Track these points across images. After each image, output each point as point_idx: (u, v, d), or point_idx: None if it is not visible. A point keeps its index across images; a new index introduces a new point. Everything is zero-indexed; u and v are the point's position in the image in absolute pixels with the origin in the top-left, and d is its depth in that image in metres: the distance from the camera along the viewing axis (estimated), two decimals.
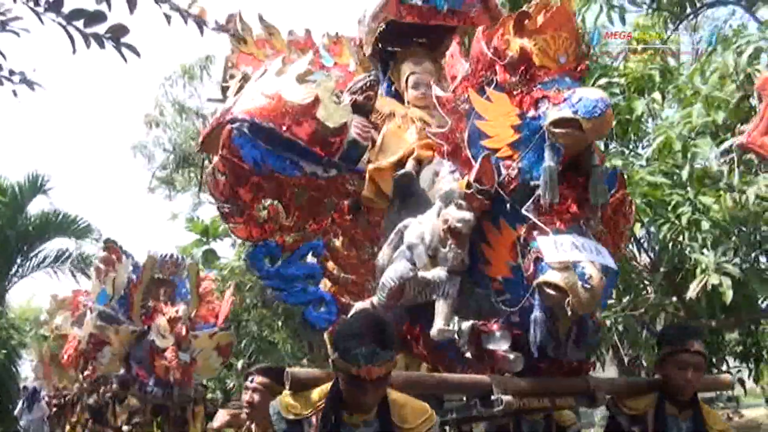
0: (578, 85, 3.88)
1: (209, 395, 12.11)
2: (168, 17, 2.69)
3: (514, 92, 3.87)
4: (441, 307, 3.81)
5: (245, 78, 4.62)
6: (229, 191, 3.99)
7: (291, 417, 3.21)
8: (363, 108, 4.44)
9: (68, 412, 14.27)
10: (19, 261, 20.29)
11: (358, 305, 4.02)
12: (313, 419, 3.18)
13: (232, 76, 4.85)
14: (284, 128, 4.05)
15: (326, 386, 3.23)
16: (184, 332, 10.19)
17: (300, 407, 3.21)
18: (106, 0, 2.55)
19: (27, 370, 20.11)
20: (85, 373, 13.05)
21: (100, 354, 10.72)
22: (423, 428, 3.21)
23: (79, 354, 13.00)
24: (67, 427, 14.27)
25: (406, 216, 4.12)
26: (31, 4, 2.55)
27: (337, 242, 4.25)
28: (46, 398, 19.09)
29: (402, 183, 4.23)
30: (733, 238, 7.62)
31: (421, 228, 3.89)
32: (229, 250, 17.24)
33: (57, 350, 15.21)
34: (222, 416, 4.34)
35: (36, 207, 20.70)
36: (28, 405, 19.81)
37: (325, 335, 4.06)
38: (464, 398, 3.98)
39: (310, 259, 4.30)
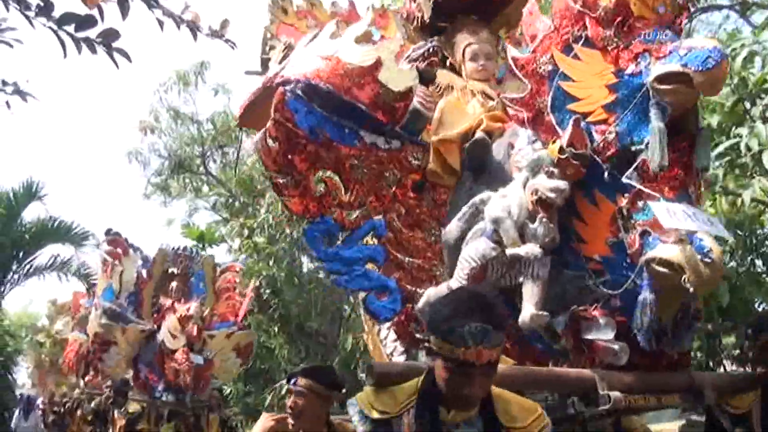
0: (679, 39, 3.28)
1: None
2: (161, 23, 2.56)
3: (609, 47, 3.27)
4: (531, 291, 3.16)
5: (289, 47, 3.98)
6: (283, 159, 3.34)
7: (377, 416, 2.54)
8: (425, 76, 3.80)
9: (68, 419, 12.96)
10: (14, 267, 19.36)
11: (430, 291, 3.36)
12: (404, 418, 2.51)
13: (272, 47, 4.22)
14: (343, 91, 3.41)
15: (415, 381, 2.57)
16: (195, 332, 8.96)
17: (387, 405, 2.55)
18: (98, 6, 2.45)
19: (24, 377, 19.22)
20: (87, 378, 11.86)
21: (106, 355, 9.40)
22: (534, 428, 2.54)
23: (81, 358, 11.83)
24: None
25: (479, 191, 3.47)
26: (22, 8, 2.43)
27: (400, 222, 3.57)
28: (41, 405, 18.29)
29: (475, 154, 3.60)
30: (729, 242, 7.16)
31: (506, 201, 3.24)
32: (225, 256, 16.51)
33: (57, 356, 14.08)
34: (265, 422, 3.65)
35: (31, 213, 19.86)
36: (24, 413, 19.07)
37: (419, 316, 3.37)
38: (548, 396, 3.31)
39: (368, 241, 3.65)
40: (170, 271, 10.04)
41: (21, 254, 19.44)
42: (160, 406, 9.22)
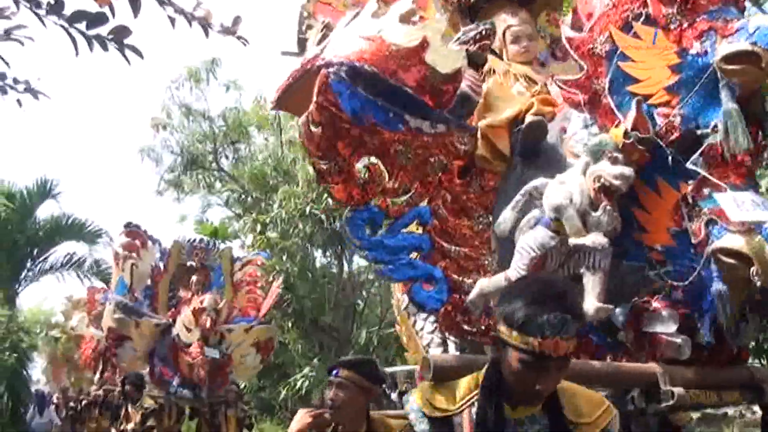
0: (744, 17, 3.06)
1: None
2: (172, 20, 2.52)
3: (671, 26, 3.04)
4: (593, 282, 2.93)
5: (328, 27, 3.74)
6: (326, 144, 3.11)
7: (436, 415, 2.32)
8: (475, 59, 3.57)
9: (84, 415, 12.61)
10: (29, 265, 19.24)
11: (483, 282, 3.14)
12: (464, 415, 2.30)
13: (309, 27, 3.97)
14: (388, 73, 3.19)
15: (475, 375, 2.35)
16: (208, 324, 8.50)
17: (446, 402, 2.33)
18: (109, 3, 2.41)
19: (38, 373, 19.04)
20: (105, 374, 11.66)
21: (121, 350, 8.92)
22: (602, 422, 2.31)
23: (97, 355, 11.56)
24: None
25: (530, 178, 3.25)
26: (33, 6, 2.40)
27: (446, 210, 3.35)
28: (56, 401, 18.14)
29: (531, 138, 3.37)
30: None
31: (566, 188, 3.01)
32: (238, 252, 16.29)
33: (73, 352, 13.81)
34: (302, 418, 3.43)
35: (45, 211, 19.72)
36: (39, 409, 18.96)
37: (470, 306, 3.15)
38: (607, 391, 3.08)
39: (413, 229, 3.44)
40: (189, 264, 9.59)
41: (35, 252, 19.33)
42: (175, 402, 8.87)
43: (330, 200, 14.21)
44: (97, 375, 12.01)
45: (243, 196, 16.56)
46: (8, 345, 16.47)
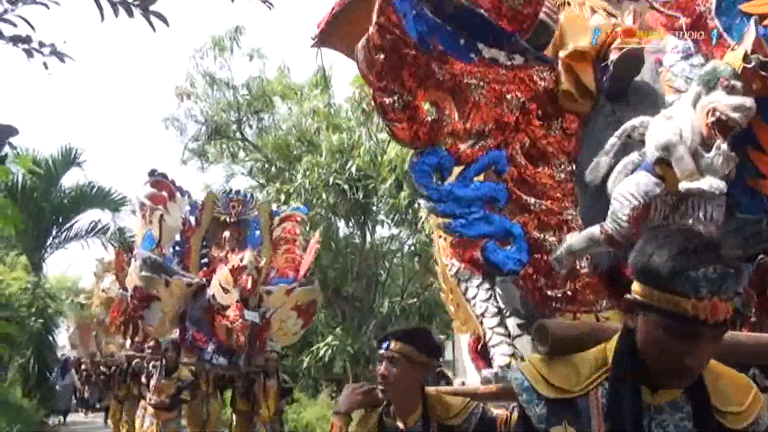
0: None
1: None
2: None
3: None
4: None
5: None
6: (390, 73, 2.56)
7: (554, 396, 1.78)
8: None
9: (115, 382, 11.75)
10: (54, 232, 18.99)
11: (573, 239, 2.58)
12: (591, 398, 1.76)
13: None
14: None
15: (602, 348, 1.81)
16: (250, 284, 7.35)
17: (567, 380, 1.79)
18: None
19: (64, 339, 18.85)
20: (136, 339, 10.52)
21: (147, 312, 7.74)
22: (751, 412, 1.76)
23: (127, 318, 10.38)
24: (112, 402, 12.03)
25: (625, 118, 2.69)
26: None
27: (524, 156, 2.79)
28: (83, 366, 17.92)
29: (625, 70, 2.81)
30: None
31: (674, 124, 2.45)
32: None
33: (103, 316, 12.91)
34: (350, 396, 2.92)
35: (70, 180, 19.38)
36: (62, 373, 18.90)
37: (556, 266, 2.60)
38: None
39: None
40: (222, 218, 8.44)
41: (60, 219, 19.07)
42: (209, 370, 7.95)
43: (353, 170, 13.73)
44: (128, 340, 11.12)
45: (267, 166, 16.02)
46: (35, 311, 16.25)
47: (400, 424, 2.79)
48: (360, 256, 14.71)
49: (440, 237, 4.35)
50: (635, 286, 1.65)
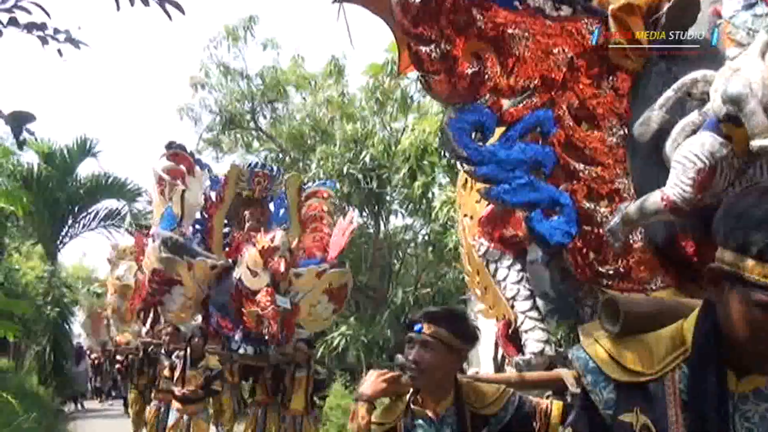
0: None
1: None
2: None
3: None
4: None
5: None
6: (427, 19, 2.25)
7: (625, 379, 1.48)
8: None
9: (133, 372, 11.09)
10: (69, 222, 18.84)
11: (630, 208, 2.26)
12: (667, 383, 1.46)
13: None
14: None
15: (678, 326, 1.50)
16: (282, 267, 6.50)
17: (641, 362, 1.49)
18: None
19: (79, 327, 18.73)
20: (156, 327, 9.68)
21: (168, 297, 6.82)
22: None
23: (147, 305, 9.39)
24: (132, 393, 11.32)
25: (681, 74, 2.37)
26: None
27: (572, 117, 2.47)
28: (94, 354, 17.80)
29: (679, 21, 2.47)
30: None
31: (742, 76, 2.13)
32: None
33: (118, 304, 12.26)
34: (375, 383, 2.60)
35: (85, 170, 19.26)
36: (76, 360, 18.83)
37: (610, 239, 2.27)
38: None
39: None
40: (244, 195, 7.51)
41: (76, 209, 18.91)
42: (236, 360, 7.08)
43: (367, 160, 13.41)
44: (146, 328, 10.27)
45: (281, 156, 15.71)
46: (51, 299, 16.08)
47: (430, 413, 2.49)
48: (374, 246, 14.41)
49: (465, 216, 4.04)
50: (721, 253, 1.34)
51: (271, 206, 7.94)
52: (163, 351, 8.46)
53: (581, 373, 1.55)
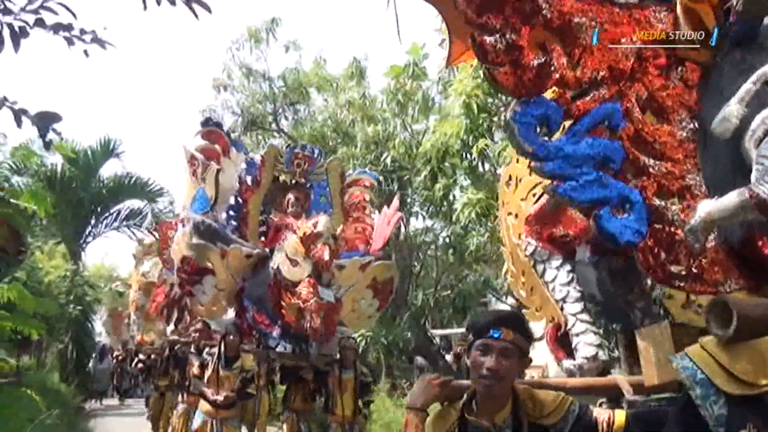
0: None
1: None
2: None
3: None
4: None
5: None
6: (491, 6, 2.11)
7: (738, 392, 1.33)
8: None
9: (155, 372, 10.56)
10: (92, 222, 18.90)
11: (708, 205, 2.10)
12: None
13: None
14: None
15: None
16: (327, 256, 5.75)
17: (754, 372, 1.34)
18: None
19: (100, 326, 18.79)
20: (181, 325, 9.07)
21: (198, 288, 6.09)
22: None
23: (171, 301, 8.90)
24: (153, 394, 10.85)
25: (757, 65, 2.21)
26: None
27: (640, 110, 2.32)
28: (116, 353, 17.78)
29: (753, 8, 2.31)
30: None
31: None
32: None
33: (144, 301, 11.65)
34: (426, 388, 2.46)
35: (108, 170, 19.29)
36: (100, 358, 18.88)
37: (689, 239, 2.11)
38: None
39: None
40: (282, 178, 6.79)
41: (99, 209, 18.96)
42: (273, 359, 6.29)
43: (388, 162, 13.26)
44: (170, 326, 9.62)
45: None
46: (73, 298, 16.09)
47: (486, 422, 2.34)
48: (394, 248, 14.26)
49: (509, 214, 3.89)
50: None
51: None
52: (192, 349, 7.66)
53: (689, 386, 1.40)
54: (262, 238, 6.69)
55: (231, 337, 6.47)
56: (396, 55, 21.92)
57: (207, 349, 6.89)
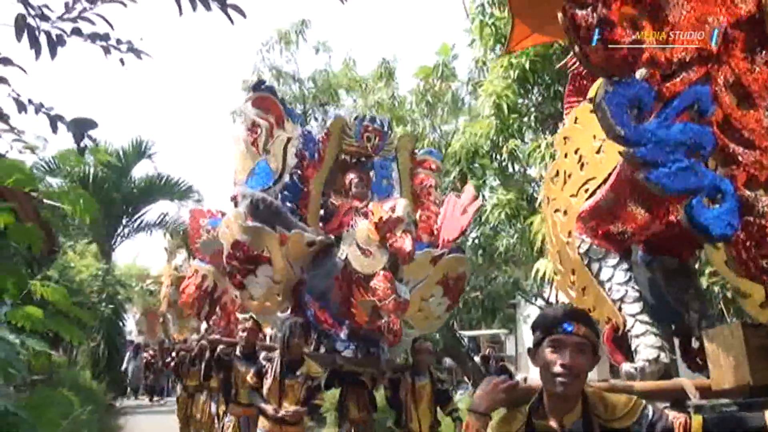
0: None
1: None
2: None
3: None
4: None
5: None
6: None
7: None
8: None
9: (185, 370, 9.63)
10: (124, 222, 19.02)
11: None
12: None
13: None
14: None
15: None
16: (408, 246, 4.82)
17: None
18: None
19: (131, 324, 18.90)
20: (213, 319, 8.26)
21: (251, 280, 5.18)
22: None
23: (203, 293, 8.08)
24: (181, 394, 9.87)
25: None
26: None
27: (727, 96, 2.13)
28: (150, 352, 17.82)
29: None
30: None
31: None
32: None
33: (177, 296, 10.61)
34: (491, 392, 2.32)
35: (140, 171, 19.42)
36: (134, 355, 18.98)
37: None
38: None
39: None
40: (342, 157, 5.88)
41: (130, 209, 19.05)
42: (340, 366, 5.40)
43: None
44: (203, 322, 8.83)
45: None
46: (105, 297, 16.12)
47: (554, 425, 2.18)
48: None
49: (557, 211, 3.69)
50: None
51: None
52: (237, 352, 6.61)
53: None
54: (324, 223, 5.85)
55: (295, 339, 5.28)
56: (425, 56, 21.83)
57: (264, 354, 5.68)
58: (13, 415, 1.84)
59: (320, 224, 5.75)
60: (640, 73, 1.97)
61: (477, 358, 13.69)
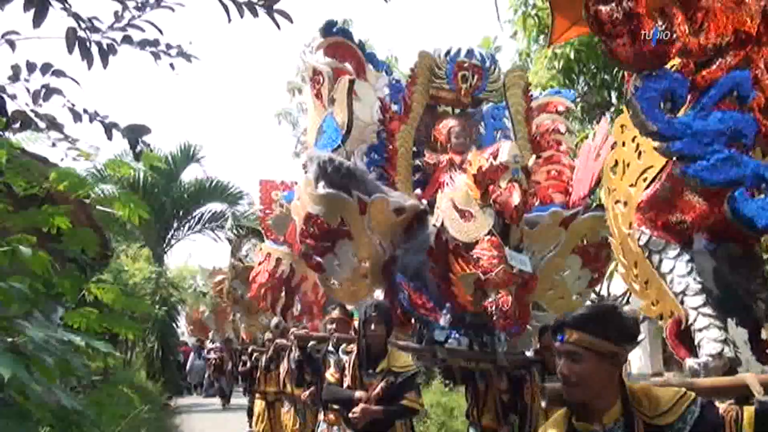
0: None
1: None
2: None
3: None
4: None
5: None
6: None
7: None
8: None
9: (259, 375, 8.20)
10: (175, 225, 19.41)
11: None
12: None
13: None
14: None
15: None
16: (517, 199, 3.77)
17: None
18: None
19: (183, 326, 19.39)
20: (290, 312, 6.74)
21: (330, 260, 4.29)
22: None
23: (277, 281, 6.66)
24: (258, 403, 8.27)
25: None
26: None
27: (766, 80, 2.11)
28: (214, 353, 17.97)
29: None
30: None
31: None
32: None
33: (243, 290, 9.23)
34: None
35: (189, 175, 19.80)
36: (197, 355, 19.52)
37: None
38: None
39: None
40: (441, 108, 4.85)
41: (181, 213, 19.41)
42: (443, 360, 4.14)
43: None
44: (275, 318, 7.16)
45: None
46: (158, 299, 16.48)
47: (594, 425, 2.16)
48: None
49: (617, 202, 3.63)
50: None
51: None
52: (330, 347, 4.71)
53: None
54: (418, 191, 4.68)
55: (371, 325, 4.11)
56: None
57: (343, 346, 4.50)
58: (76, 413, 1.92)
59: (416, 191, 4.69)
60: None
61: None
